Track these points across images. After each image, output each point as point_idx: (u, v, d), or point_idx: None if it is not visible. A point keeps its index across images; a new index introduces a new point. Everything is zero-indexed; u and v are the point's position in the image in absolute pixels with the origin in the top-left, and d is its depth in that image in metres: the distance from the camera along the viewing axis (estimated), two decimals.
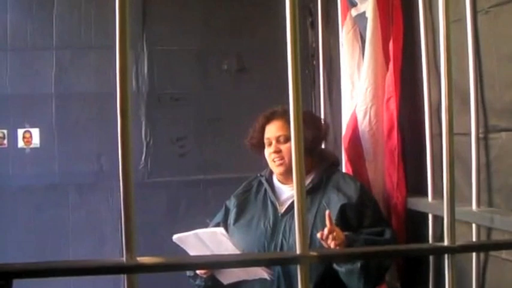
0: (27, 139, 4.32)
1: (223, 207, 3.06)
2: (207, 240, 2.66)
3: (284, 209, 2.85)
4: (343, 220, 2.75)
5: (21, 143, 4.32)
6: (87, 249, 4.26)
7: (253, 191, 3.02)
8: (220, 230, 2.67)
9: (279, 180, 2.99)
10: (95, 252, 4.21)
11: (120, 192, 1.11)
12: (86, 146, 4.37)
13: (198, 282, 2.86)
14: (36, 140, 4.33)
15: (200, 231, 2.67)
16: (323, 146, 3.28)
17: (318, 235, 2.51)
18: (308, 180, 2.87)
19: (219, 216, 3.05)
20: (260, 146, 2.99)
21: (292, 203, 2.72)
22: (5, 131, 4.31)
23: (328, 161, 3.03)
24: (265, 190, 2.98)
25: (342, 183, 2.88)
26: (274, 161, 2.89)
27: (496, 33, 2.38)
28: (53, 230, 4.30)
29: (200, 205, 4.30)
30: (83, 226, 4.34)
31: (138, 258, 1.14)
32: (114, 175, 4.18)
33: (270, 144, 2.92)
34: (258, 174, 3.07)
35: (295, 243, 2.52)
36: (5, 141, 4.30)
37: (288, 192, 2.90)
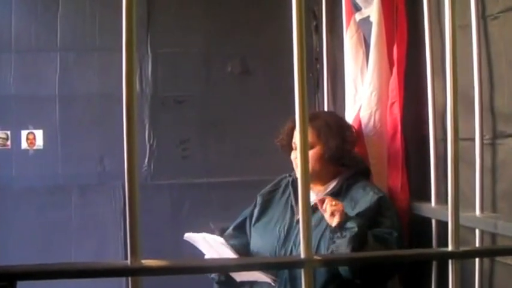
0: (31, 140, 4.32)
1: (254, 202, 3.06)
2: (213, 244, 2.72)
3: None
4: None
5: (24, 145, 4.32)
6: (89, 250, 4.26)
7: (280, 191, 3.02)
8: (221, 239, 2.71)
9: None
10: (97, 254, 4.21)
11: (123, 193, 1.12)
12: (89, 147, 4.36)
13: (213, 275, 2.87)
14: (39, 142, 4.33)
15: (207, 235, 2.72)
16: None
17: (316, 199, 2.55)
18: (329, 188, 2.87)
19: (248, 210, 3.06)
20: (289, 147, 2.97)
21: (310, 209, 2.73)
22: (9, 132, 4.31)
23: (352, 170, 2.97)
24: (290, 193, 2.96)
25: (360, 194, 2.83)
26: (297, 166, 2.87)
27: (506, 38, 2.37)
28: (56, 232, 4.29)
29: (203, 208, 4.29)
30: (85, 228, 4.33)
31: (143, 261, 1.14)
32: (117, 177, 4.20)
33: (295, 148, 2.89)
34: (287, 174, 3.06)
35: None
36: (9, 143, 4.30)
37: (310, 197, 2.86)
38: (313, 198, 2.61)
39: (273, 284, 2.70)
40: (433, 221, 2.91)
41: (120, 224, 4.28)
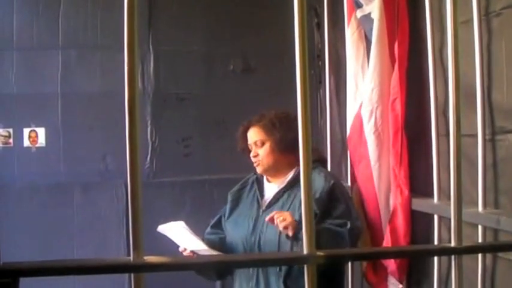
0: (33, 138, 4.32)
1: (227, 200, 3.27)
2: (179, 232, 2.90)
3: (265, 206, 3.02)
4: None
5: (26, 142, 4.32)
6: (91, 248, 4.26)
7: (247, 188, 3.21)
8: (182, 223, 2.90)
9: (266, 179, 3.16)
10: (99, 251, 4.21)
11: (125, 191, 1.12)
12: (91, 145, 4.37)
13: None
14: (41, 140, 4.34)
15: (173, 223, 2.93)
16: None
17: (266, 219, 2.75)
18: (287, 179, 3.04)
19: (223, 209, 3.24)
20: (248, 150, 3.18)
21: (272, 200, 2.98)
22: (11, 130, 4.31)
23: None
24: (255, 189, 3.16)
25: (315, 180, 2.93)
26: (254, 163, 3.11)
27: (507, 34, 2.37)
28: (58, 229, 4.30)
29: (205, 205, 4.29)
30: (87, 225, 4.34)
31: (145, 258, 1.14)
32: (119, 174, 4.20)
33: (251, 148, 3.13)
34: (253, 173, 3.23)
35: (269, 237, 2.76)
36: (11, 141, 4.31)
37: (271, 189, 3.08)
38: (275, 190, 3.00)
39: None
40: (435, 217, 2.91)
41: (123, 222, 4.29)
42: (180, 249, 2.94)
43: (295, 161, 3.05)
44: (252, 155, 3.10)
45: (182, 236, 2.91)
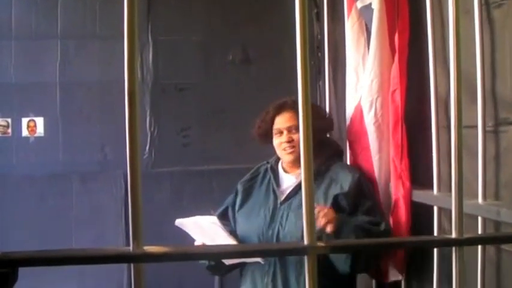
0: (32, 128, 4.32)
1: (235, 191, 3.16)
2: (205, 227, 2.79)
3: (283, 198, 2.92)
4: (337, 210, 2.76)
5: (25, 132, 4.32)
6: (90, 238, 4.26)
7: (260, 178, 3.11)
8: (213, 218, 2.80)
9: (283, 169, 3.06)
10: (97, 241, 4.22)
11: (123, 181, 1.11)
12: (90, 135, 4.37)
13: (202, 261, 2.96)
14: (40, 129, 4.33)
15: (199, 218, 2.79)
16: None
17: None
18: None
19: (230, 199, 3.15)
20: (267, 135, 3.07)
21: (291, 192, 2.88)
22: (9, 120, 4.31)
23: (330, 151, 3.07)
24: (270, 178, 3.05)
25: (340, 174, 2.93)
26: (285, 150, 2.97)
27: (509, 26, 2.35)
28: (57, 219, 4.30)
29: (204, 195, 4.30)
30: (86, 215, 4.34)
31: (145, 247, 1.14)
32: (118, 164, 4.20)
33: (281, 134, 3.00)
34: (265, 162, 3.15)
35: (290, 231, 2.66)
36: (9, 130, 4.30)
37: (289, 181, 2.99)
38: (294, 181, 2.92)
39: (262, 262, 2.79)
40: (435, 209, 2.91)
41: (121, 212, 4.29)
42: (197, 243, 2.83)
43: (316, 153, 3.02)
44: (283, 140, 2.96)
45: (207, 231, 2.79)
